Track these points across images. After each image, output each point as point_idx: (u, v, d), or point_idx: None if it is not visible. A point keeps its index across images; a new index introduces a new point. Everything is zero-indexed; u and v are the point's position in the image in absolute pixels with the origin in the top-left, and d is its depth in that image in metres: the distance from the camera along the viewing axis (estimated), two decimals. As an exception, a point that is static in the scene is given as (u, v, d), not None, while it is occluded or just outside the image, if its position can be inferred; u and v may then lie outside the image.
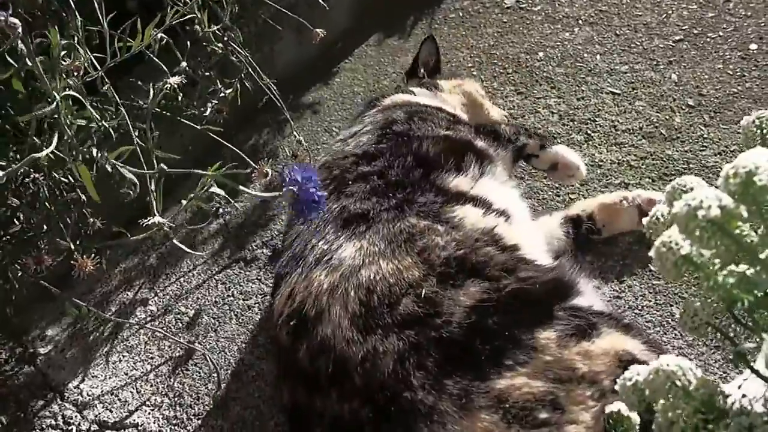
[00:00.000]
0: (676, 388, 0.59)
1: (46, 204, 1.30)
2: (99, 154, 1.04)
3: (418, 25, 2.38)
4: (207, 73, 1.77)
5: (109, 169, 0.98)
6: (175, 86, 1.15)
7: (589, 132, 1.86)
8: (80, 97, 1.09)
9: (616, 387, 0.63)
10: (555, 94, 2.00)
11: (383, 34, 2.34)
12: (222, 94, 1.67)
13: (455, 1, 2.48)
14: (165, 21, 1.29)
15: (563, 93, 2.00)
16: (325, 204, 0.93)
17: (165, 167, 0.99)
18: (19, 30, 0.86)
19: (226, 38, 1.68)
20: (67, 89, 1.06)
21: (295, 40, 2.14)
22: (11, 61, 1.04)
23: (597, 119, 1.90)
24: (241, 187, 0.94)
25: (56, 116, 1.02)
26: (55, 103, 1.02)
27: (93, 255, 1.11)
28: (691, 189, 0.68)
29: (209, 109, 1.65)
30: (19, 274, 1.35)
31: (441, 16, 2.41)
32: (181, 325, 1.63)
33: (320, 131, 1.97)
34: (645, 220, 0.73)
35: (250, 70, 1.69)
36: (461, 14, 2.41)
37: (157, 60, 1.38)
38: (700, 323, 0.65)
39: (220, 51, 1.67)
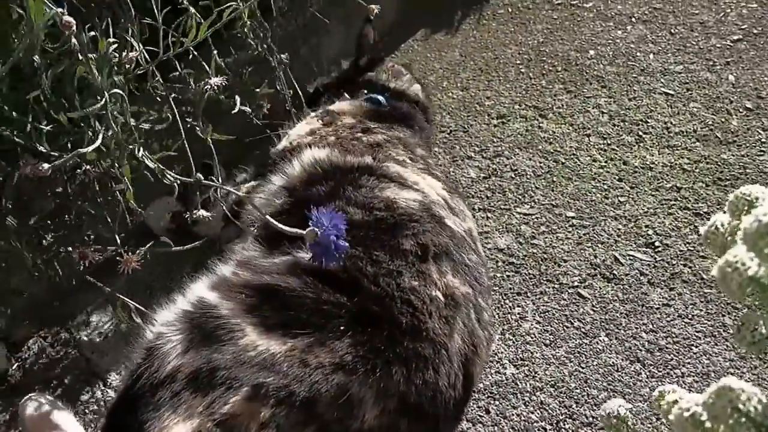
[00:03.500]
0: (739, 413, 0.53)
1: (95, 196, 1.32)
2: (141, 154, 1.04)
3: (465, 21, 2.34)
4: (250, 68, 1.76)
5: (151, 165, 0.99)
6: (217, 86, 1.16)
7: (640, 133, 1.81)
8: (123, 94, 1.10)
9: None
10: (606, 94, 1.95)
11: (430, 29, 2.31)
12: (258, 90, 1.66)
13: (504, -4, 2.44)
14: (222, 17, 1.29)
15: (614, 92, 1.95)
16: (344, 254, 0.85)
17: (201, 177, 0.99)
18: (74, 28, 0.86)
19: (263, 36, 1.66)
20: (114, 87, 1.07)
21: (342, 33, 2.13)
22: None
23: (649, 120, 1.85)
24: (268, 218, 0.93)
25: (104, 112, 1.03)
26: (103, 100, 1.02)
27: (139, 251, 1.13)
28: (756, 199, 0.65)
29: (254, 105, 1.65)
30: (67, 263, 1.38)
31: (489, 12, 2.37)
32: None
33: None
34: (702, 229, 0.69)
35: (281, 72, 1.65)
36: (510, 10, 2.36)
37: (200, 58, 1.39)
38: (761, 338, 0.61)
39: (259, 50, 1.66)
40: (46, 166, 0.98)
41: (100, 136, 1.08)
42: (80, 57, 1.04)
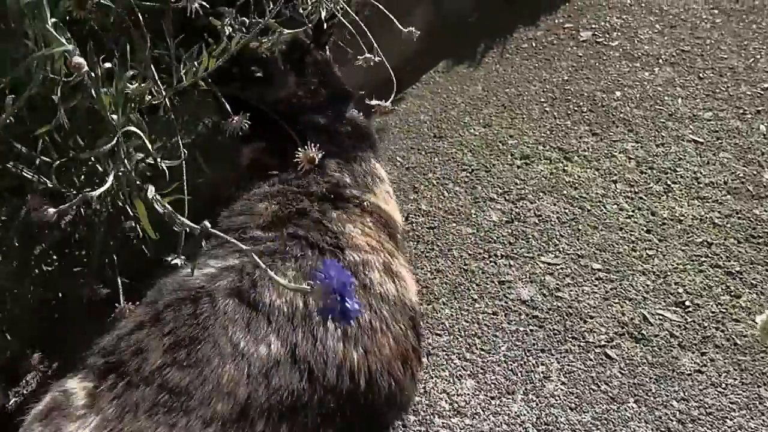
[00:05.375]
0: None
1: (105, 232, 1.26)
2: (152, 195, 0.98)
3: (488, 54, 2.29)
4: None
5: (160, 210, 0.92)
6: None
7: (669, 182, 1.75)
8: (140, 132, 1.04)
9: None
10: (632, 138, 1.90)
11: (452, 61, 2.26)
12: None
13: (528, 30, 2.39)
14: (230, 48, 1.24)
15: (641, 137, 1.90)
16: (356, 316, 0.82)
17: (208, 224, 0.91)
18: (85, 68, 0.81)
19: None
20: (129, 124, 1.01)
21: (363, 66, 2.08)
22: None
23: (678, 169, 1.79)
24: (269, 272, 0.86)
25: (117, 150, 0.97)
26: (115, 139, 0.96)
27: (136, 302, 1.09)
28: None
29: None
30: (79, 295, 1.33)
31: (513, 46, 2.32)
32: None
33: (385, 159, 1.90)
34: (760, 319, 0.63)
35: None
36: (534, 44, 2.32)
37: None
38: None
39: None
40: (51, 211, 0.91)
41: (111, 177, 1.02)
42: (93, 93, 0.99)
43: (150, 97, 1.23)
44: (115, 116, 0.95)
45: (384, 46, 1.76)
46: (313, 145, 1.21)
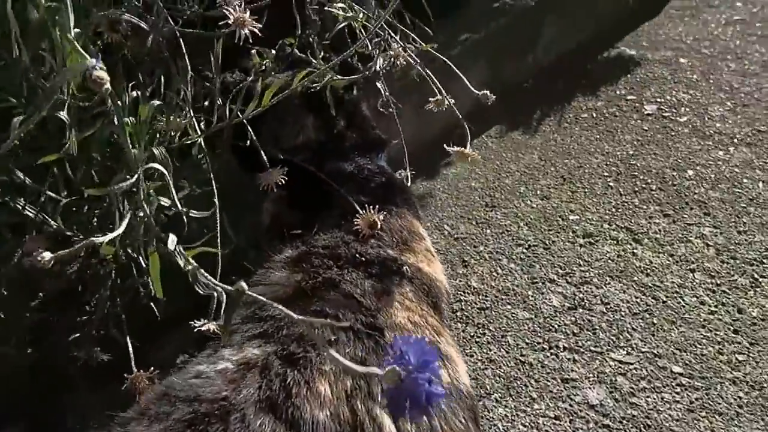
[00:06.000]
0: None
1: (112, 286, 1.07)
2: (175, 248, 0.79)
3: (545, 121, 2.13)
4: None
5: (182, 265, 0.74)
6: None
7: (756, 276, 1.53)
8: (165, 171, 0.86)
9: None
10: (710, 223, 1.69)
11: (506, 126, 2.10)
12: None
13: (587, 100, 2.23)
14: (291, 84, 1.08)
15: (720, 222, 1.69)
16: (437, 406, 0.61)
17: (244, 285, 0.72)
18: (107, 86, 0.64)
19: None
20: (152, 161, 0.84)
21: (413, 121, 1.93)
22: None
23: (765, 261, 1.57)
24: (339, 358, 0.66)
25: (135, 190, 0.80)
26: (135, 176, 0.79)
27: (152, 369, 0.89)
28: None
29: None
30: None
31: (571, 115, 2.16)
32: None
33: (431, 227, 1.71)
34: None
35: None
36: (594, 115, 2.15)
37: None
38: None
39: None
40: (47, 256, 0.73)
41: (124, 223, 0.84)
42: (115, 121, 0.82)
43: (178, 135, 1.07)
44: (135, 150, 0.77)
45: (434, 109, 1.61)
46: (372, 207, 1.02)
